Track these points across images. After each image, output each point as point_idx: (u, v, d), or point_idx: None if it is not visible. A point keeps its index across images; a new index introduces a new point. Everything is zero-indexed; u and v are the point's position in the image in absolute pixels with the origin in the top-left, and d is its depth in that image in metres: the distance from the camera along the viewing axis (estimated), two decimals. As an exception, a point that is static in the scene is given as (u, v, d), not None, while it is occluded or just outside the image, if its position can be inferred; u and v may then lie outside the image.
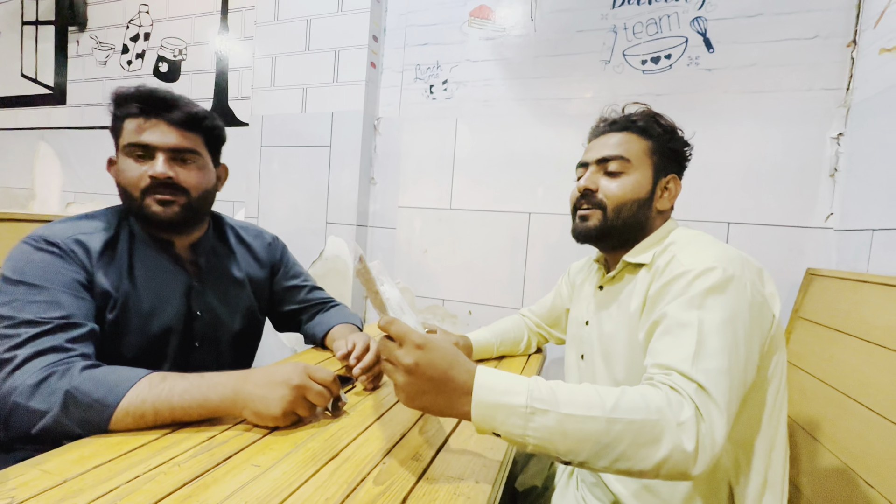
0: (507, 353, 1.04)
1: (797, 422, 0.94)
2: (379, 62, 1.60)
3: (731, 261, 0.58)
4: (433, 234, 1.55)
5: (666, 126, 0.74)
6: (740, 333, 0.53)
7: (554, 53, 1.38)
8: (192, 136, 0.76)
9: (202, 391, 0.59)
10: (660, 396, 0.48)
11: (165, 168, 0.72)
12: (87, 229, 0.72)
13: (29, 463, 0.49)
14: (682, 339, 0.53)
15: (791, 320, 1.10)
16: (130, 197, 0.74)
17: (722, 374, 0.50)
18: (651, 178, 0.72)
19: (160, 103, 0.73)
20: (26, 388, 0.55)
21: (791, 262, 1.15)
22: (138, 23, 2.03)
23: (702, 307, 0.55)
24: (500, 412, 0.46)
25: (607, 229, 0.72)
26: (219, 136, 0.83)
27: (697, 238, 0.67)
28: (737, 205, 1.21)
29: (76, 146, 2.17)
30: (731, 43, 1.20)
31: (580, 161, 0.78)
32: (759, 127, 1.19)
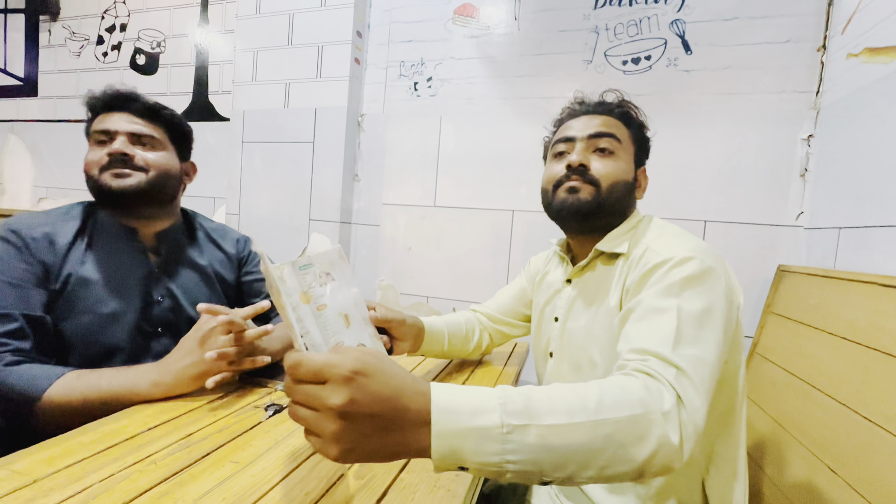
0: (457, 351, 0.88)
1: (766, 412, 0.98)
2: (363, 58, 1.59)
3: (705, 252, 0.57)
4: (417, 232, 1.56)
5: (639, 118, 0.74)
6: (717, 324, 0.52)
7: (537, 52, 1.40)
8: (153, 126, 0.82)
9: (129, 376, 0.64)
10: (638, 386, 0.44)
11: (122, 146, 0.77)
12: (56, 219, 0.76)
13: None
14: (660, 324, 0.52)
15: (763, 315, 1.14)
16: (91, 178, 0.78)
17: (701, 362, 0.49)
18: (633, 165, 0.71)
19: (124, 98, 0.81)
20: None
21: (764, 259, 1.19)
22: (114, 13, 1.97)
23: (680, 296, 0.53)
24: (469, 440, 0.36)
25: (600, 205, 0.67)
26: (182, 130, 0.88)
27: (665, 227, 0.67)
28: (713, 203, 1.24)
29: (48, 140, 2.10)
30: (709, 45, 1.24)
31: (561, 136, 0.72)
32: (735, 127, 1.22)
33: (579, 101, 0.75)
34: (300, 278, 0.52)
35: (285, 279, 0.50)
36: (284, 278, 0.50)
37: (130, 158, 0.78)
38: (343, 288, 0.57)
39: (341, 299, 0.56)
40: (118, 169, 0.77)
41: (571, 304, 0.74)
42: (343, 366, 0.36)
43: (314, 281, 0.54)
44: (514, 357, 1.05)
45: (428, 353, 0.84)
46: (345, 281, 0.57)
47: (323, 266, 0.55)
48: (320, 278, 0.54)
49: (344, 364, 0.36)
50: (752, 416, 1.03)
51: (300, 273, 0.52)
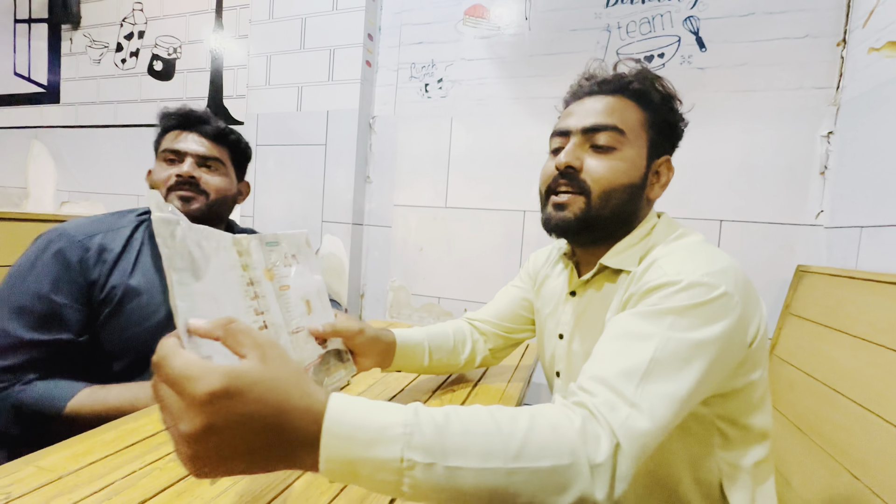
0: (443, 365, 0.78)
1: (785, 415, 0.96)
2: (374, 61, 1.60)
3: (723, 274, 0.48)
4: (429, 233, 1.56)
5: (665, 93, 0.60)
6: (709, 358, 0.45)
7: (548, 52, 1.39)
8: (219, 148, 0.87)
9: (132, 391, 0.68)
10: (574, 430, 0.38)
11: (191, 169, 0.82)
12: (111, 226, 0.80)
13: (24, 460, 0.49)
14: (633, 352, 0.44)
15: (781, 316, 1.11)
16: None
17: (673, 401, 0.42)
18: (645, 159, 0.59)
19: (196, 119, 0.86)
20: None
21: (782, 259, 1.17)
22: (132, 21, 2.02)
23: (673, 325, 0.45)
24: (364, 468, 0.32)
25: (590, 220, 0.58)
26: (244, 151, 0.94)
27: (684, 238, 0.58)
28: (729, 202, 1.22)
29: (70, 145, 2.16)
30: (723, 42, 1.21)
31: (557, 128, 0.62)
32: (751, 125, 1.20)
33: (587, 77, 0.63)
34: (266, 254, 0.49)
35: (251, 251, 0.47)
36: (250, 250, 0.47)
37: (196, 181, 0.82)
38: (307, 273, 0.54)
39: (304, 284, 0.53)
40: (184, 191, 0.82)
41: (576, 322, 0.65)
42: (200, 385, 0.29)
43: (279, 260, 0.51)
44: (519, 371, 0.98)
45: (405, 368, 0.73)
46: (309, 267, 0.55)
47: (290, 247, 0.53)
48: (286, 259, 0.52)
49: (202, 383, 0.29)
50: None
51: (266, 249, 0.49)
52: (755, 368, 0.53)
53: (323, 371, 0.55)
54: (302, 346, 0.52)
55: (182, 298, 0.35)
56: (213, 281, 0.39)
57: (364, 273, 1.67)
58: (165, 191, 0.82)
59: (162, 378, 0.31)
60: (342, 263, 1.59)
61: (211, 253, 0.40)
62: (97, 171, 2.09)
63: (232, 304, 0.41)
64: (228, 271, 0.42)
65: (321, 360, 0.55)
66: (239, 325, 0.35)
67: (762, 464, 0.56)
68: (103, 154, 2.07)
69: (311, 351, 0.53)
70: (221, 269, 0.41)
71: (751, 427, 0.55)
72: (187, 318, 0.34)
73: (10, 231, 1.08)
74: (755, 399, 0.55)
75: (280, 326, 0.47)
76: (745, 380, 0.53)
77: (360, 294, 1.67)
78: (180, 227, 0.37)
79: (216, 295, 0.39)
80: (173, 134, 0.85)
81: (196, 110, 0.87)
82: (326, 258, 1.61)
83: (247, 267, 0.45)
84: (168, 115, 0.87)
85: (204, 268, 0.39)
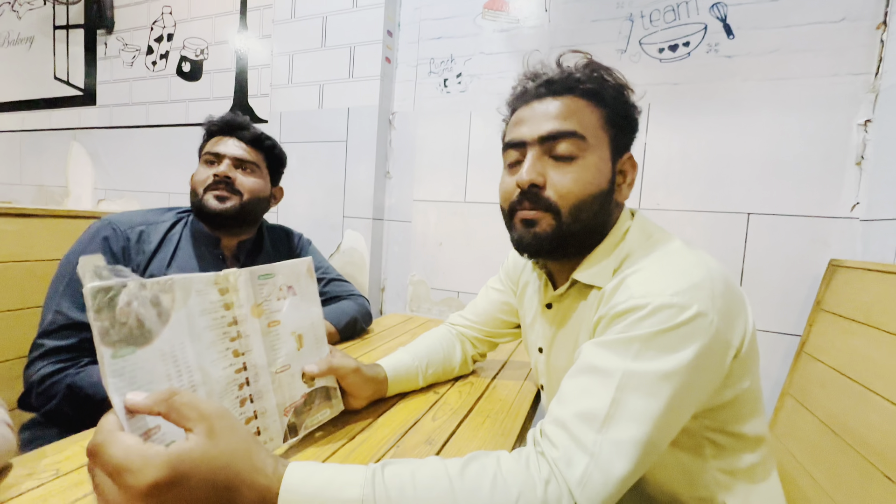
0: (439, 377, 0.77)
1: (815, 414, 0.93)
2: (393, 57, 1.61)
3: (694, 290, 0.44)
4: (448, 227, 1.57)
5: (618, 86, 0.54)
6: (676, 388, 0.41)
7: (569, 44, 1.37)
8: (255, 152, 0.94)
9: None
10: (529, 490, 0.37)
11: (227, 169, 0.89)
12: (153, 220, 0.88)
13: (71, 439, 0.53)
14: (594, 392, 0.42)
15: (812, 312, 1.07)
16: (195, 193, 0.89)
17: (637, 446, 0.40)
18: (609, 161, 0.54)
19: (236, 125, 0.92)
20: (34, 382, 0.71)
21: (814, 253, 1.13)
22: (162, 24, 2.09)
23: (637, 356, 0.42)
24: None
25: (563, 237, 0.53)
26: (278, 156, 0.99)
27: (658, 248, 0.52)
28: (757, 195, 1.18)
29: (106, 145, 2.26)
30: (753, 28, 1.17)
31: (510, 139, 0.56)
32: (782, 115, 1.15)
33: (531, 76, 0.57)
34: (257, 289, 0.48)
35: (239, 288, 0.46)
36: (238, 287, 0.46)
37: (232, 181, 0.88)
38: (303, 305, 0.52)
39: (298, 318, 0.52)
40: (220, 191, 0.88)
41: (553, 336, 0.63)
42: (141, 477, 0.29)
43: (272, 293, 0.50)
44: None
45: (403, 391, 0.72)
46: (307, 298, 0.53)
47: (286, 278, 0.51)
48: (280, 291, 0.50)
49: (143, 475, 0.29)
50: (799, 418, 0.98)
51: (258, 282, 0.48)
52: (743, 378, 0.50)
53: (305, 412, 0.54)
54: (285, 386, 0.51)
55: (114, 375, 0.34)
56: (171, 336, 0.39)
57: (384, 267, 1.69)
58: (202, 190, 0.88)
59: (99, 466, 0.30)
60: (363, 258, 1.62)
61: (174, 304, 0.40)
62: (130, 170, 2.18)
63: (198, 353, 0.41)
64: (200, 317, 0.42)
65: (304, 400, 0.54)
66: (182, 398, 0.33)
67: (759, 465, 0.54)
68: (136, 153, 2.16)
69: (296, 390, 0.53)
70: (189, 316, 0.41)
71: (744, 434, 0.53)
72: (124, 395, 0.34)
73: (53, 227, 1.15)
74: (746, 408, 0.52)
75: (262, 367, 0.47)
76: (734, 391, 0.50)
77: (381, 288, 1.69)
78: (126, 290, 0.36)
79: (173, 350, 0.39)
80: (215, 139, 0.92)
81: (237, 118, 0.94)
82: (348, 253, 1.64)
83: (230, 305, 0.45)
84: (212, 122, 0.94)
85: (156, 328, 0.38)
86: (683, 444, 0.53)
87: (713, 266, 0.48)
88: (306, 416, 0.54)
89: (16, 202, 2.47)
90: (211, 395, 0.43)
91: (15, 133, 2.60)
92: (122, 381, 0.35)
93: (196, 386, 0.41)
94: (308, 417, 0.54)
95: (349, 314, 1.03)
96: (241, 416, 0.46)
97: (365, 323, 1.10)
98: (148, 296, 0.38)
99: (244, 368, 0.46)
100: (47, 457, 0.49)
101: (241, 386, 0.46)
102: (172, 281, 0.40)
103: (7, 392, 0.74)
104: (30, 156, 2.55)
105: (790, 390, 1.06)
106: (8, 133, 2.62)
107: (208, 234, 0.91)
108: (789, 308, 1.15)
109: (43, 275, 0.95)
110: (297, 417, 0.53)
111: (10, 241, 1.05)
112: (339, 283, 1.12)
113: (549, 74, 0.55)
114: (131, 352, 0.36)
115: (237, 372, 0.45)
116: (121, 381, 0.35)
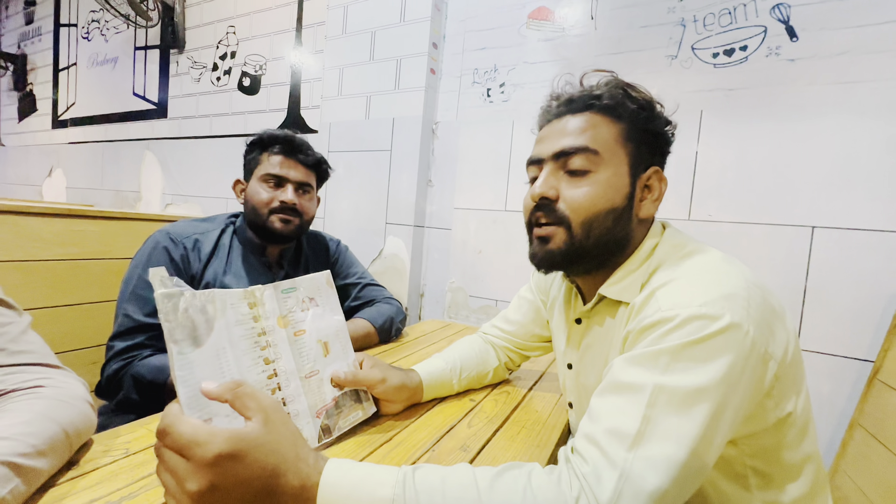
0: (472, 383, 0.78)
1: (891, 449, 0.84)
2: (438, 68, 1.65)
3: (727, 300, 0.42)
4: (488, 235, 1.57)
5: (641, 100, 0.54)
6: (718, 403, 0.40)
7: (615, 51, 1.35)
8: (312, 174, 1.00)
9: None
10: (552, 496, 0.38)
11: (293, 196, 0.95)
12: (204, 229, 0.94)
13: (139, 422, 0.58)
14: (624, 409, 0.41)
15: (888, 337, 0.98)
16: (258, 213, 0.94)
17: (671, 464, 0.38)
18: (628, 176, 0.54)
19: (297, 148, 0.97)
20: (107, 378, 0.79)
21: (888, 272, 1.03)
22: (226, 43, 2.26)
23: (667, 370, 0.41)
24: None
25: (575, 252, 0.53)
26: (326, 175, 1.06)
27: (688, 260, 0.50)
28: (823, 207, 1.10)
29: (174, 154, 2.47)
30: (819, 30, 1.10)
31: (530, 157, 0.59)
32: (851, 120, 1.07)
33: (554, 97, 0.58)
34: (281, 302, 0.51)
35: (265, 301, 0.50)
36: (264, 300, 0.50)
37: (296, 206, 0.95)
38: (326, 315, 0.55)
39: (322, 326, 0.55)
40: (286, 215, 0.94)
41: (582, 354, 0.62)
42: (208, 449, 0.34)
43: (296, 305, 0.53)
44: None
45: (437, 396, 0.74)
46: (329, 308, 0.56)
47: (307, 291, 0.55)
48: (302, 303, 0.54)
49: (210, 447, 0.34)
50: (870, 451, 0.89)
51: (282, 296, 0.52)
52: (787, 398, 0.47)
53: (336, 414, 0.56)
54: (315, 391, 0.54)
55: (181, 368, 0.40)
56: (217, 341, 0.44)
57: (424, 273, 1.72)
58: (267, 212, 0.93)
59: (168, 444, 0.35)
60: (404, 264, 1.65)
61: (216, 314, 0.45)
62: (194, 176, 2.36)
63: (236, 358, 0.46)
64: (235, 327, 0.47)
65: (335, 404, 0.56)
66: (245, 389, 0.39)
67: (808, 498, 0.49)
68: (199, 161, 2.34)
69: (326, 394, 0.56)
70: (227, 325, 0.46)
71: (792, 464, 0.49)
72: (188, 385, 0.40)
73: (127, 228, 1.27)
74: (794, 433, 0.48)
75: (291, 373, 0.51)
76: (778, 413, 0.47)
77: (420, 294, 1.72)
78: (184, 297, 0.42)
79: (220, 353, 0.44)
80: (277, 159, 0.94)
81: (297, 138, 0.97)
82: (389, 258, 1.68)
83: (258, 318, 0.49)
84: (273, 140, 0.95)
85: (205, 333, 0.43)
86: (725, 473, 0.50)
87: (749, 276, 0.46)
88: (338, 419, 0.57)
89: (97, 205, 2.75)
90: None
91: (98, 143, 2.89)
92: (184, 374, 0.40)
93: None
94: (340, 419, 0.57)
95: (385, 314, 1.07)
96: None
97: (401, 324, 1.13)
98: (198, 304, 0.44)
99: (275, 374, 0.49)
100: (120, 436, 0.54)
101: (273, 391, 0.50)
102: (213, 294, 0.46)
103: (87, 376, 0.82)
104: (110, 164, 2.83)
105: (860, 421, 0.97)
106: (93, 143, 2.93)
107: (256, 242, 0.97)
108: (860, 331, 1.05)
109: (118, 271, 1.05)
110: (329, 419, 0.56)
111: (92, 240, 1.17)
112: (375, 287, 1.16)
113: (570, 93, 0.57)
114: (191, 350, 0.42)
115: (269, 378, 0.49)
116: (183, 375, 0.40)
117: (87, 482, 0.45)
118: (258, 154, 0.97)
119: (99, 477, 0.46)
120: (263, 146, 0.96)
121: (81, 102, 3.03)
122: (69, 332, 1.11)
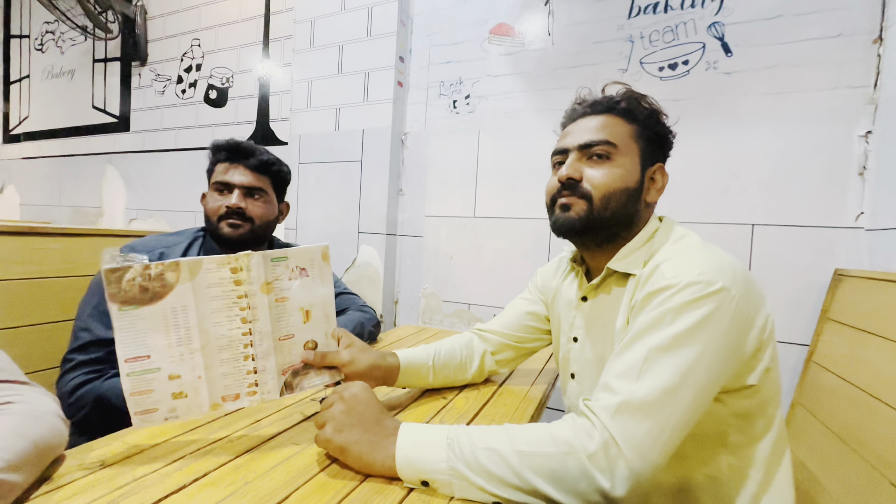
0: (450, 380, 0.82)
1: (824, 423, 0.93)
2: (405, 81, 1.70)
3: (720, 271, 0.52)
4: (458, 242, 1.62)
5: (650, 108, 0.66)
6: (708, 347, 0.49)
7: (572, 65, 1.43)
8: (262, 177, 0.98)
9: None
10: (566, 426, 0.48)
11: (238, 201, 0.94)
12: (169, 243, 0.94)
13: (113, 436, 0.59)
14: (633, 357, 0.50)
15: (819, 322, 1.08)
16: (210, 221, 0.96)
17: (668, 394, 0.47)
18: (639, 166, 0.65)
19: (242, 152, 0.96)
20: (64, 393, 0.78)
21: (819, 263, 1.13)
22: (191, 55, 2.24)
23: (670, 324, 0.50)
24: (424, 450, 0.49)
25: (594, 221, 0.63)
26: (284, 178, 1.04)
27: (684, 240, 0.62)
28: (761, 207, 1.20)
29: (137, 168, 2.41)
30: (750, 46, 1.21)
31: (557, 148, 0.69)
32: (783, 127, 1.18)
33: (579, 101, 0.71)
34: (269, 269, 0.56)
35: (251, 268, 0.55)
36: (251, 266, 0.55)
37: (243, 210, 0.94)
38: (314, 286, 0.60)
39: (307, 296, 0.60)
40: (233, 220, 0.94)
41: (588, 326, 0.70)
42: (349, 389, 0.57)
43: (284, 273, 0.58)
44: (543, 375, 1.04)
45: (410, 386, 0.79)
46: (320, 280, 0.61)
47: (299, 261, 0.59)
48: (291, 272, 0.58)
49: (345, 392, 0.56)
50: (808, 426, 0.98)
51: (271, 264, 0.57)
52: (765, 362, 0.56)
53: (301, 375, 0.62)
54: (286, 352, 0.60)
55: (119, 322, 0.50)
56: (175, 301, 0.52)
57: (398, 281, 1.74)
58: (217, 219, 0.94)
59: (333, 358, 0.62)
60: (377, 272, 1.68)
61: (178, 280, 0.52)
62: (160, 191, 2.31)
63: (204, 315, 0.54)
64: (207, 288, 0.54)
65: (304, 365, 0.62)
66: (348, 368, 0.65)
67: (776, 448, 0.58)
68: (165, 175, 2.29)
69: (297, 356, 0.62)
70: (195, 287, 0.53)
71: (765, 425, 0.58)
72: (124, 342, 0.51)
73: (89, 245, 1.24)
74: (769, 397, 0.57)
75: (266, 334, 0.57)
76: (756, 375, 0.56)
77: (394, 301, 1.75)
78: (132, 269, 0.50)
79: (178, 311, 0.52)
80: (223, 166, 0.96)
81: (242, 143, 0.97)
82: (363, 267, 1.70)
83: (240, 282, 0.55)
84: (218, 148, 0.97)
85: (159, 295, 0.52)
86: (710, 429, 0.57)
87: (736, 260, 0.56)
88: (302, 379, 0.63)
89: (55, 222, 2.64)
90: (208, 347, 0.55)
91: (56, 158, 2.78)
92: (125, 323, 0.50)
93: (192, 338, 0.54)
94: (304, 380, 0.63)
95: (356, 320, 1.09)
96: (243, 368, 0.57)
97: (374, 328, 1.15)
98: (152, 273, 0.51)
99: (250, 333, 0.56)
100: (94, 450, 0.55)
101: (245, 346, 0.57)
102: (180, 262, 0.52)
103: (53, 396, 0.81)
104: (68, 179, 2.72)
105: (800, 400, 1.06)
106: (49, 158, 2.81)
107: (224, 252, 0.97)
108: (797, 318, 1.15)
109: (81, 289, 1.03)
110: (293, 378, 0.62)
111: (53, 258, 1.14)
112: (348, 296, 1.18)
113: (594, 98, 0.69)
114: (134, 308, 0.51)
115: (244, 335, 0.56)
116: (124, 324, 0.50)
117: (62, 495, 0.45)
118: (212, 164, 0.99)
119: (74, 490, 0.46)
120: (214, 155, 0.98)
121: (36, 116, 2.91)
122: (30, 353, 1.07)
